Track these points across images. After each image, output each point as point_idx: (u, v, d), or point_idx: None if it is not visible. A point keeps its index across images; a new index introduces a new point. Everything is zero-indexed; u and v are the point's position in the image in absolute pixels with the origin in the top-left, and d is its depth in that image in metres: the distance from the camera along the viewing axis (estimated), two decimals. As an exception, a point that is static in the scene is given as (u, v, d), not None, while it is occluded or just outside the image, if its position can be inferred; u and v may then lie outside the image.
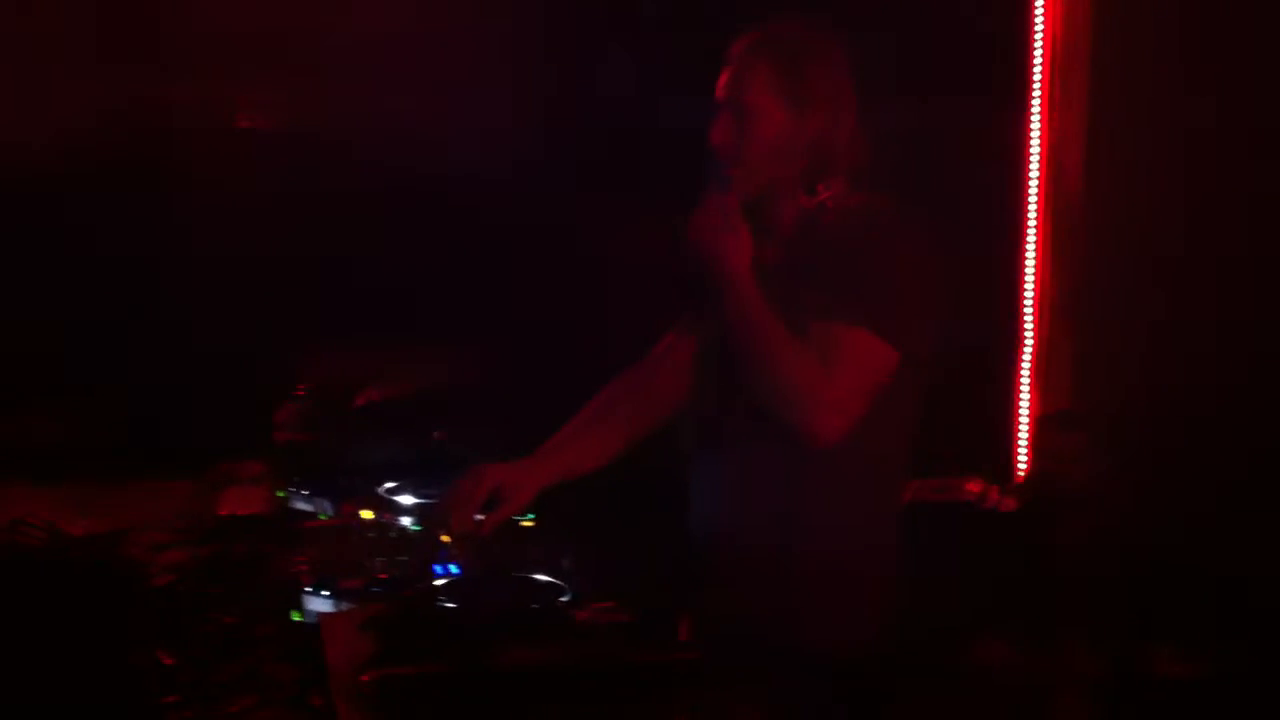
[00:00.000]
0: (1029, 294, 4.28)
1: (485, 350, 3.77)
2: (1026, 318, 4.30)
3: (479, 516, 2.43)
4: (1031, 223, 4.23)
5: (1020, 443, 4.30)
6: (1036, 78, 4.13)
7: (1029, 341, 4.29)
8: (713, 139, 2.51)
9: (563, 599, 2.37)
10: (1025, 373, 4.31)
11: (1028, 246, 4.28)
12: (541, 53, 4.30)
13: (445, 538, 2.62)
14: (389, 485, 2.89)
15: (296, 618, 2.37)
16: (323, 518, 2.80)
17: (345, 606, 2.35)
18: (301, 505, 2.85)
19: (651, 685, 2.03)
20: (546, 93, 4.32)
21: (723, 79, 2.52)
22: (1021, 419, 4.31)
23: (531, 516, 2.78)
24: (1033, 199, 4.22)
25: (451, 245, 4.18)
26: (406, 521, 2.73)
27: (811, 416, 2.36)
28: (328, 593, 2.37)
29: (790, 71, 2.47)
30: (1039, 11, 4.10)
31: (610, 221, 4.03)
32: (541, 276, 4.25)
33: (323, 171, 4.24)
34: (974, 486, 3.89)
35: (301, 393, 3.27)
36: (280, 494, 2.88)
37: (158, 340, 4.00)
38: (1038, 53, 4.12)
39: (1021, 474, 4.23)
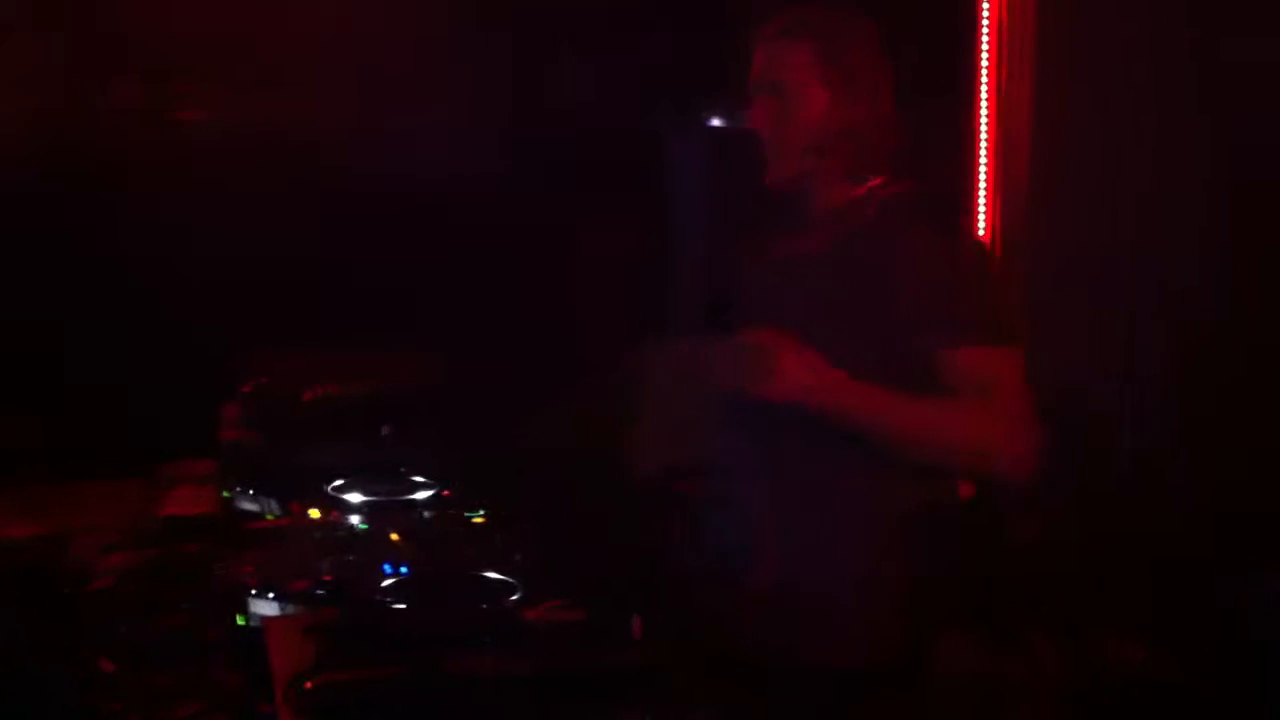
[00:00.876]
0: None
1: (432, 348, 3.74)
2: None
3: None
4: (981, 213, 4.24)
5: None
6: (985, 67, 4.14)
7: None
8: (753, 123, 2.38)
9: (514, 598, 2.35)
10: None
11: (978, 231, 4.28)
12: (487, 54, 4.28)
13: (395, 536, 2.59)
14: (337, 484, 2.85)
15: (242, 621, 2.33)
16: (270, 518, 2.76)
17: (292, 609, 2.31)
18: (248, 505, 2.80)
19: (602, 689, 2.01)
20: (491, 93, 4.30)
21: (758, 61, 2.40)
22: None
23: (483, 513, 2.75)
24: (982, 189, 4.23)
25: (398, 243, 4.15)
26: (355, 520, 2.70)
27: (1006, 463, 2.24)
28: (274, 595, 2.33)
29: (832, 54, 2.36)
30: (985, 7, 4.11)
31: (557, 224, 4.02)
32: (487, 275, 4.23)
33: (266, 169, 4.20)
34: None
35: (248, 391, 3.23)
36: (226, 494, 2.83)
37: (99, 339, 3.95)
38: (984, 43, 4.13)
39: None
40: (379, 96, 4.22)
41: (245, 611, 2.33)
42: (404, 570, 2.46)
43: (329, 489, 2.80)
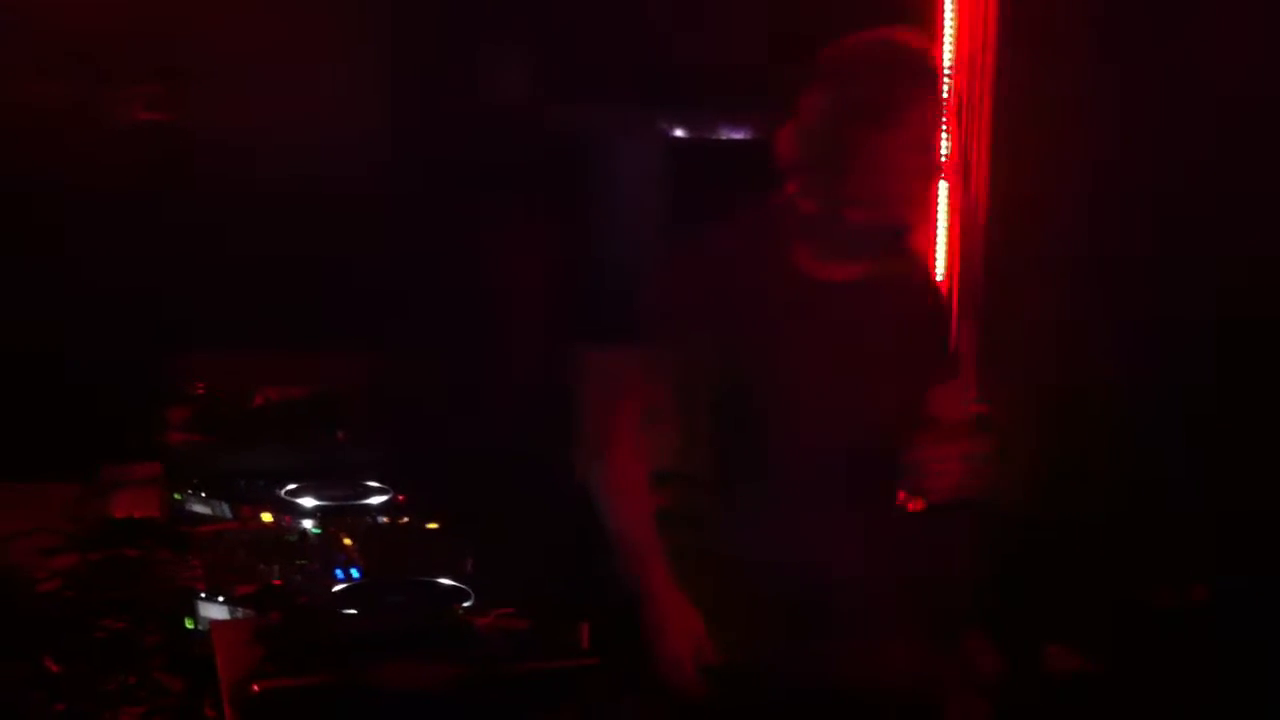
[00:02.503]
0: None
1: (383, 351, 3.71)
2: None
3: None
4: (941, 221, 4.26)
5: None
6: (946, 83, 4.16)
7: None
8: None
9: (465, 605, 2.32)
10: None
11: (936, 245, 4.30)
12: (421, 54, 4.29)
13: (347, 540, 2.56)
14: (290, 487, 2.82)
15: (190, 625, 2.29)
16: (220, 521, 2.72)
17: (240, 613, 2.28)
18: (199, 508, 2.77)
19: (547, 695, 1.99)
20: (432, 94, 4.30)
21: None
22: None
23: (436, 518, 2.73)
24: (941, 204, 4.24)
25: (346, 246, 4.13)
26: (307, 525, 2.67)
27: None
28: (222, 599, 2.30)
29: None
30: (947, 22, 4.13)
31: (499, 227, 4.02)
32: (434, 279, 4.22)
33: (211, 171, 4.17)
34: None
35: (196, 394, 3.19)
36: (177, 497, 2.79)
37: (41, 339, 3.89)
38: (946, 58, 4.16)
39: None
40: (299, 100, 4.21)
41: (193, 615, 2.29)
42: (355, 575, 2.44)
43: (281, 493, 2.77)
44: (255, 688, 1.96)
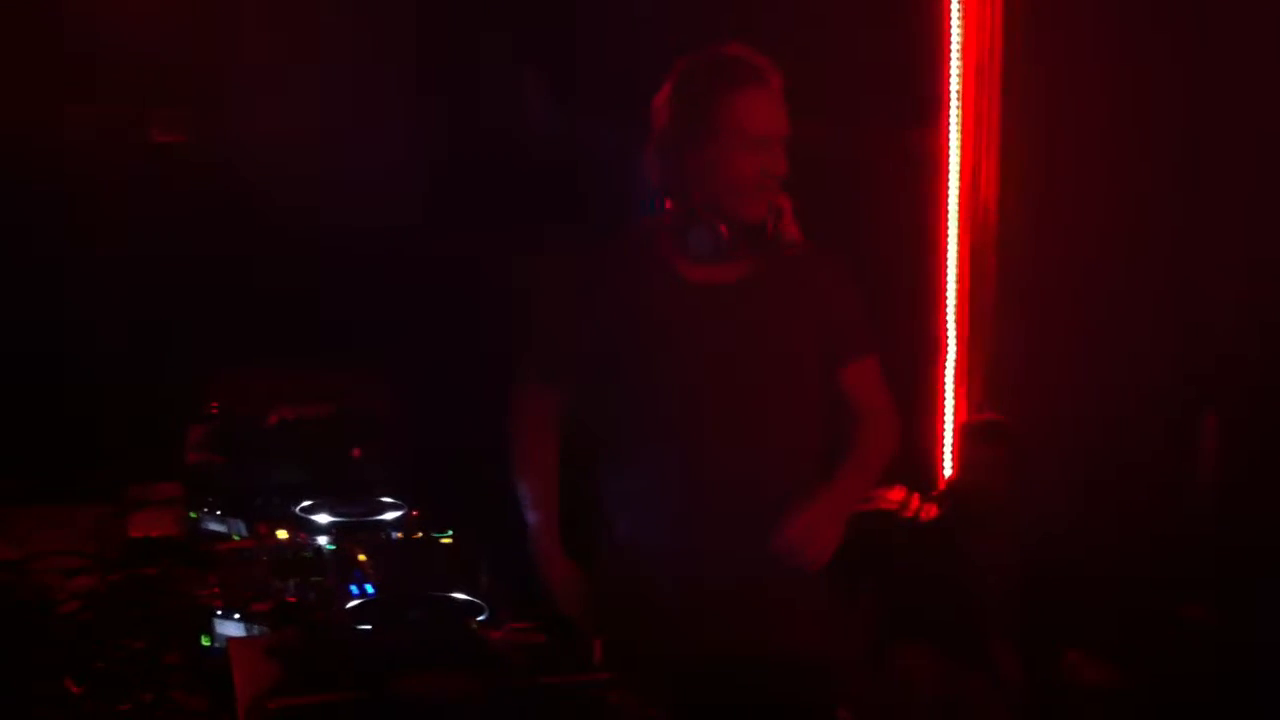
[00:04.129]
0: (950, 303, 4.31)
1: (399, 369, 3.74)
2: (948, 327, 4.32)
3: None
4: (952, 233, 4.27)
5: (944, 452, 4.32)
6: (954, 96, 4.17)
7: (951, 351, 4.32)
8: (740, 168, 2.53)
9: (480, 619, 2.34)
10: (949, 382, 4.33)
11: (948, 256, 4.31)
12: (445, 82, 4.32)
13: (362, 556, 2.58)
14: (305, 505, 2.84)
15: (206, 643, 2.31)
16: (236, 539, 2.74)
17: (257, 630, 2.30)
18: (215, 526, 2.79)
19: (561, 709, 2.00)
20: (458, 124, 4.33)
21: (758, 110, 2.52)
22: (946, 428, 4.32)
23: (450, 533, 2.74)
24: (952, 211, 4.25)
25: (364, 266, 4.16)
26: (322, 541, 2.69)
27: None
28: (239, 616, 2.32)
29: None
30: (954, 33, 4.15)
31: (510, 249, 4.05)
32: (450, 298, 4.25)
33: (232, 194, 4.21)
34: (896, 495, 3.91)
35: (213, 413, 3.21)
36: (193, 515, 2.81)
37: (62, 361, 3.93)
38: (954, 72, 4.17)
39: (944, 482, 4.25)
40: (331, 130, 4.25)
41: (210, 632, 2.31)
42: (370, 591, 2.45)
43: (296, 510, 2.79)
44: (272, 705, 1.97)
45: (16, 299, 4.02)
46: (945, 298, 4.31)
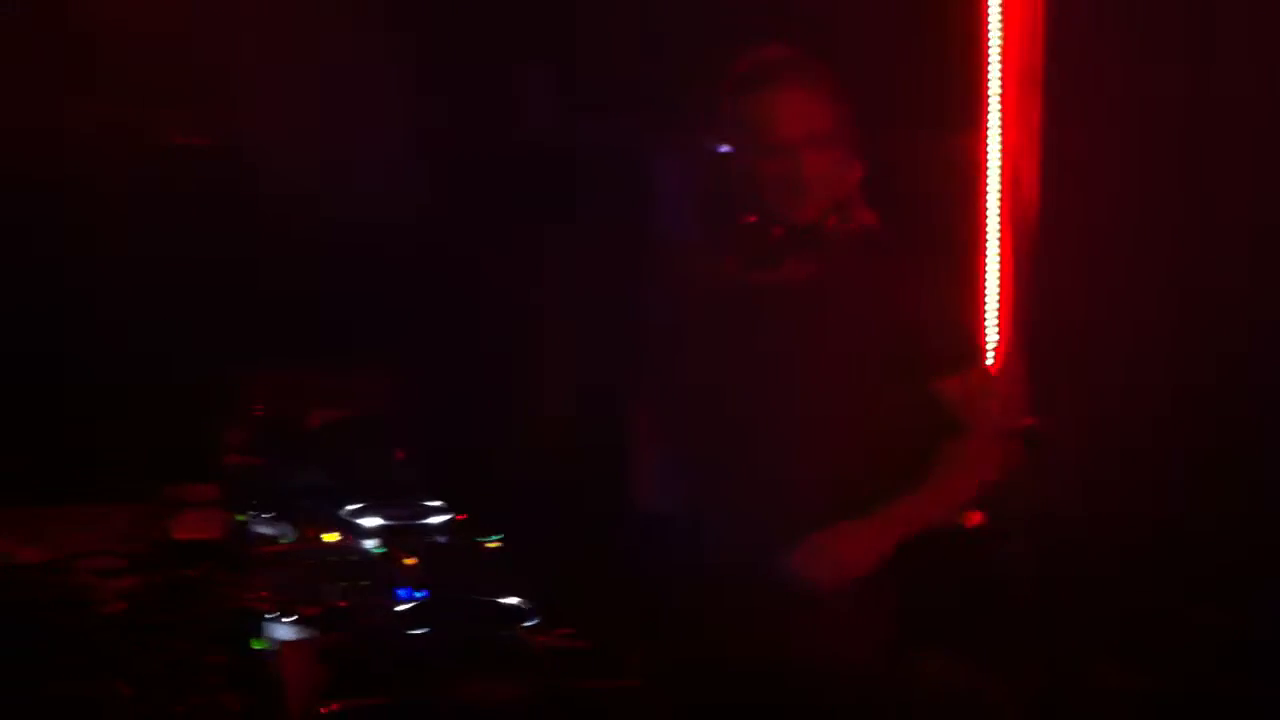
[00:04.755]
0: (989, 308, 4.29)
1: (443, 368, 3.74)
2: (987, 333, 4.30)
3: None
4: (992, 238, 4.24)
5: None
6: (995, 98, 4.15)
7: (989, 357, 4.29)
8: (808, 168, 2.52)
9: (528, 624, 2.33)
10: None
11: (988, 261, 4.28)
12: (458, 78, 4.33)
13: (409, 560, 2.58)
14: (352, 507, 2.83)
15: (257, 645, 2.31)
16: (284, 542, 2.74)
17: (306, 634, 2.30)
18: (263, 529, 2.79)
19: (608, 715, 2.00)
20: (479, 119, 4.33)
21: (793, 109, 2.50)
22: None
23: (498, 537, 2.73)
24: (992, 214, 4.23)
25: (403, 266, 4.15)
26: (370, 544, 2.68)
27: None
28: (289, 619, 2.31)
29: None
30: (994, 33, 4.13)
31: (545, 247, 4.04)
32: (494, 296, 4.24)
33: (270, 194, 4.21)
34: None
35: (254, 414, 3.21)
36: (241, 518, 2.81)
37: (100, 362, 3.94)
38: (994, 73, 4.15)
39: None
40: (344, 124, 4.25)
41: (260, 635, 2.31)
42: (418, 595, 2.45)
43: (343, 513, 2.78)
44: (322, 709, 1.97)
45: (15, 300, 4.02)
46: (984, 303, 4.28)
